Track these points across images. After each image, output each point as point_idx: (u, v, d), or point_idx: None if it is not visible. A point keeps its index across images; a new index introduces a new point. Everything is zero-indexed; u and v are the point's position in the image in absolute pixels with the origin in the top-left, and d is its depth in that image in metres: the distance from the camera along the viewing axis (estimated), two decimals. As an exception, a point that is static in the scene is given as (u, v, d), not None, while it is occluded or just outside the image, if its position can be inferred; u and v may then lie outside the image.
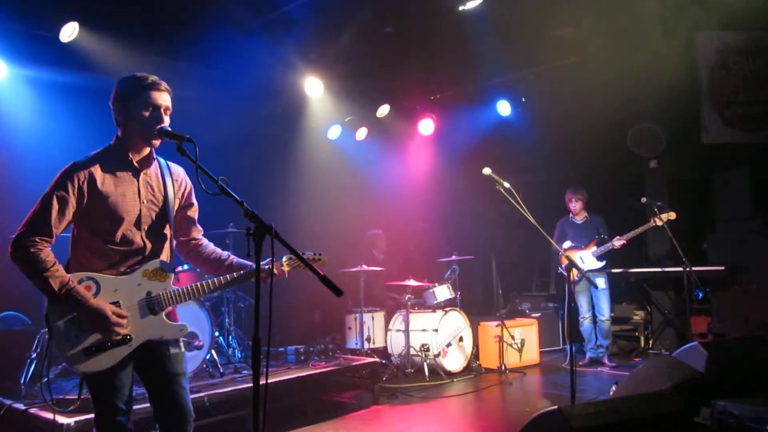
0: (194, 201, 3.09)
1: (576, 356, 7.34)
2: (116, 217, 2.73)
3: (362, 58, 7.36)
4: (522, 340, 7.62)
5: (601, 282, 7.32)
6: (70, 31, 5.72)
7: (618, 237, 7.21)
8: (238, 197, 2.57)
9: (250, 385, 5.03)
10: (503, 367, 7.09)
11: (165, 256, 2.88)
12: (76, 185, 2.67)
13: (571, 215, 7.69)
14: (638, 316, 8.44)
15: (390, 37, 6.98)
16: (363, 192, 8.74)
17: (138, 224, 2.79)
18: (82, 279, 2.66)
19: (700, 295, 7.35)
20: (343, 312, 7.73)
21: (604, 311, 7.43)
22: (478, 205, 8.95)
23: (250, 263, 3.04)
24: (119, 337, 2.65)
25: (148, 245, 2.81)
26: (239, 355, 6.22)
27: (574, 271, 7.11)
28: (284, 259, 3.00)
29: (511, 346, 7.44)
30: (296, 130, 8.43)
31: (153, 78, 2.81)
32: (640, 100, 7.74)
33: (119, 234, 2.74)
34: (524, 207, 4.76)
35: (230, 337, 6.30)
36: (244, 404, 5.04)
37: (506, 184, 4.81)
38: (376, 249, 8.34)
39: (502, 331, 7.28)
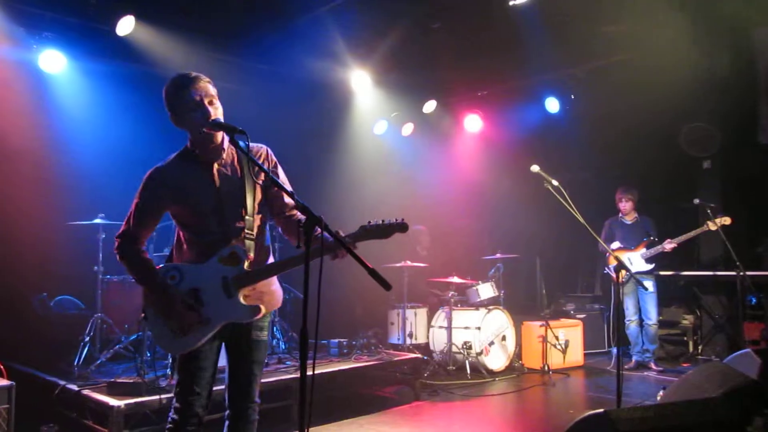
0: (282, 177, 3.06)
1: (622, 359, 7.22)
2: (197, 210, 2.88)
3: (409, 54, 7.34)
4: (566, 341, 7.52)
5: (649, 284, 7.15)
6: (126, 25, 5.86)
7: (669, 240, 7.03)
8: (287, 188, 2.61)
9: (294, 376, 5.16)
10: (546, 368, 7.01)
11: (240, 241, 2.92)
12: (150, 190, 2.88)
13: (620, 215, 7.54)
14: (687, 320, 8.23)
15: (438, 32, 6.94)
16: (408, 187, 8.73)
17: (217, 214, 2.89)
18: (168, 270, 2.88)
19: (754, 300, 7.13)
20: (386, 307, 7.76)
21: (651, 315, 7.27)
22: (523, 204, 8.84)
23: (328, 237, 2.94)
24: (196, 318, 2.81)
25: (227, 232, 2.90)
26: (283, 347, 6.30)
27: (622, 272, 7.01)
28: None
29: (554, 346, 7.35)
30: (343, 125, 8.48)
31: (189, 75, 2.84)
32: (693, 98, 7.52)
33: (203, 226, 2.89)
34: (572, 205, 4.69)
35: (275, 329, 6.39)
36: (288, 394, 5.13)
37: (554, 182, 4.74)
38: (419, 245, 8.33)
39: (546, 331, 7.19)
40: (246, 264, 2.88)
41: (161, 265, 2.92)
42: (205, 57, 6.16)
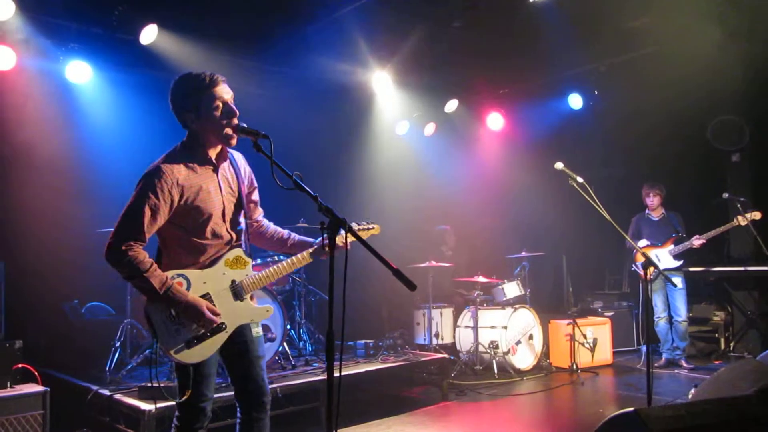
0: (255, 184, 3.18)
1: (651, 357, 7.12)
2: (205, 213, 2.82)
3: (431, 54, 7.33)
4: (594, 339, 7.43)
5: (677, 281, 7.04)
6: (149, 34, 5.94)
7: (697, 236, 6.92)
8: (311, 192, 2.62)
9: (321, 377, 5.18)
10: (575, 367, 6.94)
11: (243, 244, 2.98)
12: (166, 190, 2.73)
13: (647, 211, 7.44)
14: (718, 317, 8.09)
15: (459, 31, 6.92)
16: (431, 187, 8.72)
17: (223, 217, 2.89)
18: (173, 276, 2.76)
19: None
20: (411, 307, 7.76)
21: (681, 312, 7.16)
22: (548, 201, 8.78)
23: (311, 240, 3.16)
24: (215, 326, 2.78)
25: (232, 236, 2.92)
26: (310, 348, 6.33)
27: (650, 269, 6.91)
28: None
29: (582, 345, 7.28)
30: (365, 127, 8.49)
31: (210, 75, 2.83)
32: (721, 90, 7.39)
33: (209, 229, 2.84)
34: (598, 203, 4.64)
35: (301, 331, 6.43)
36: (315, 396, 5.15)
37: (579, 179, 4.69)
38: (444, 245, 8.31)
39: (573, 329, 7.12)
40: (250, 266, 2.93)
41: (166, 272, 2.74)
42: (227, 62, 6.21)
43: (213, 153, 2.91)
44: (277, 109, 6.71)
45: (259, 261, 5.73)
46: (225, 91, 2.84)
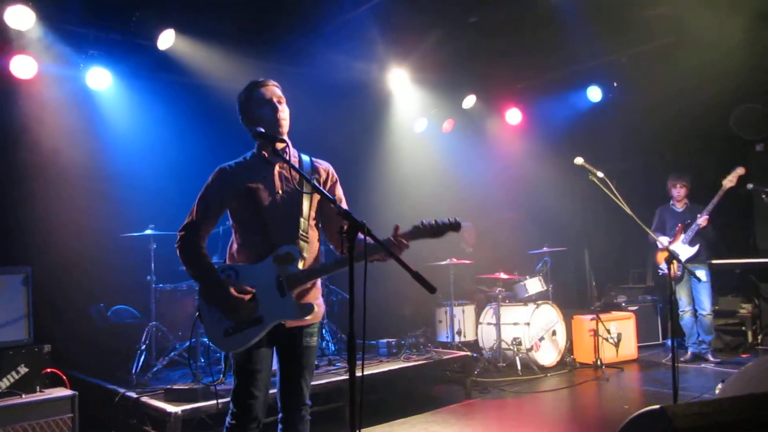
0: (339, 194, 3.22)
1: (677, 352, 7.03)
2: (254, 208, 2.95)
3: (447, 50, 7.29)
4: (618, 334, 7.37)
5: (701, 274, 6.93)
6: (167, 38, 5.99)
7: (699, 215, 6.85)
8: (330, 196, 2.65)
9: (345, 377, 5.19)
10: (599, 362, 6.89)
11: (294, 242, 2.98)
12: (217, 184, 2.97)
13: (672, 202, 7.36)
14: (745, 309, 7.96)
15: (475, 26, 6.89)
16: (450, 184, 8.69)
17: (273, 214, 2.96)
18: (224, 269, 2.93)
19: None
20: (433, 305, 7.74)
21: (705, 305, 7.06)
22: (568, 195, 8.70)
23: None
24: (249, 317, 2.85)
25: (283, 233, 2.96)
26: (333, 348, 6.35)
27: (674, 265, 6.84)
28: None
29: (606, 340, 7.21)
30: (382, 125, 8.48)
31: (258, 79, 3.06)
32: (744, 78, 7.24)
33: (261, 225, 2.95)
34: (619, 197, 4.59)
35: (324, 330, 6.44)
36: (338, 396, 5.17)
37: (600, 174, 4.64)
38: (464, 242, 8.29)
39: (597, 324, 7.07)
40: (300, 264, 2.94)
41: (217, 265, 2.96)
42: (245, 64, 6.23)
43: (268, 150, 3.02)
44: (296, 109, 6.71)
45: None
46: (271, 91, 3.03)
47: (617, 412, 5.38)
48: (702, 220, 6.86)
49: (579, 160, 4.72)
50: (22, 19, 5.21)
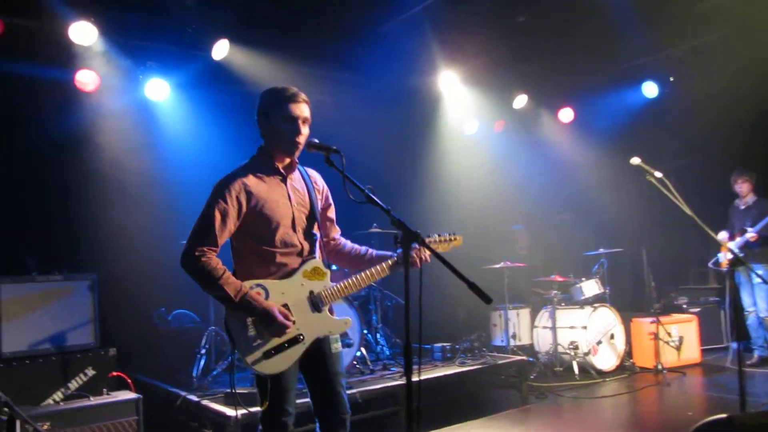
0: (331, 202, 3.22)
1: (743, 355, 6.77)
2: (274, 221, 2.87)
3: (496, 50, 7.24)
4: (680, 337, 7.14)
5: (758, 274, 6.65)
6: (221, 49, 6.13)
7: (750, 229, 6.62)
8: (384, 205, 2.63)
9: (400, 382, 5.20)
10: (660, 367, 6.70)
11: (319, 255, 3.01)
12: (234, 195, 2.81)
13: (737, 200, 7.13)
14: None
15: (523, 26, 6.81)
16: (504, 186, 8.59)
17: (293, 226, 2.92)
18: (252, 286, 2.79)
19: None
20: (487, 309, 7.68)
21: (761, 306, 6.80)
22: (624, 194, 8.50)
23: (389, 253, 3.14)
24: (290, 336, 2.78)
25: (305, 246, 2.94)
26: (387, 353, 6.37)
27: (724, 262, 6.64)
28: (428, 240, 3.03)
29: (667, 343, 7.00)
30: (433, 128, 8.46)
31: (292, 91, 2.92)
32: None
33: (278, 238, 2.88)
34: (678, 197, 4.46)
35: (378, 335, 6.47)
36: (394, 400, 5.17)
37: (658, 174, 4.53)
38: (518, 244, 8.20)
39: (657, 327, 6.87)
40: (329, 276, 2.94)
41: (245, 282, 2.79)
42: (297, 72, 6.30)
43: (281, 164, 2.99)
44: (345, 115, 6.78)
45: (334, 268, 5.83)
46: (299, 110, 2.91)
47: (680, 419, 5.21)
48: (750, 236, 6.64)
49: (636, 161, 4.61)
50: (85, 34, 5.43)
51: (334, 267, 5.66)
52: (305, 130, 2.93)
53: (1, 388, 4.21)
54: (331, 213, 3.24)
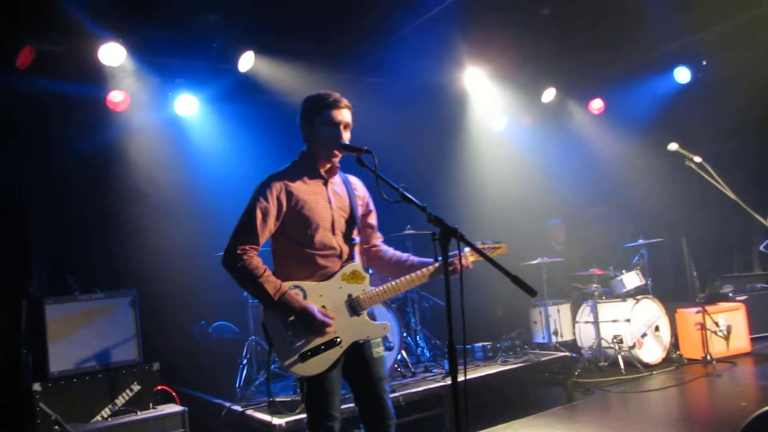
0: (372, 208, 3.22)
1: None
2: (313, 223, 2.89)
3: (522, 45, 7.15)
4: (728, 326, 6.94)
5: None
6: (247, 61, 6.17)
7: None
8: (419, 203, 2.61)
9: (442, 384, 5.15)
10: (709, 358, 6.51)
11: (358, 259, 3.00)
12: (275, 195, 2.86)
13: None
14: None
15: (548, 18, 6.72)
16: (534, 181, 8.48)
17: (333, 229, 2.93)
18: (290, 287, 2.81)
19: None
20: (527, 306, 7.58)
21: None
22: (661, 183, 8.33)
23: (430, 260, 3.09)
24: (327, 338, 2.78)
25: (345, 249, 2.95)
26: (428, 355, 6.32)
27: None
28: (467, 251, 2.98)
29: (715, 333, 6.81)
30: (461, 126, 8.40)
31: (334, 97, 2.95)
32: None
33: (318, 240, 2.89)
34: (720, 181, 4.34)
35: (417, 337, 6.43)
36: (437, 402, 5.13)
37: (697, 159, 4.42)
38: (554, 239, 8.08)
39: (703, 317, 6.69)
40: (368, 280, 2.92)
41: (284, 283, 2.81)
42: (323, 78, 6.32)
43: (323, 168, 3.00)
44: (373, 118, 6.76)
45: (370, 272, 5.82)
46: (341, 115, 2.93)
47: (734, 410, 5.05)
48: None
49: (673, 146, 4.52)
50: (114, 55, 5.51)
51: (371, 271, 5.68)
52: (347, 135, 2.95)
53: (50, 407, 4.30)
54: (372, 219, 3.23)
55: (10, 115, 5.57)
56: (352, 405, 3.01)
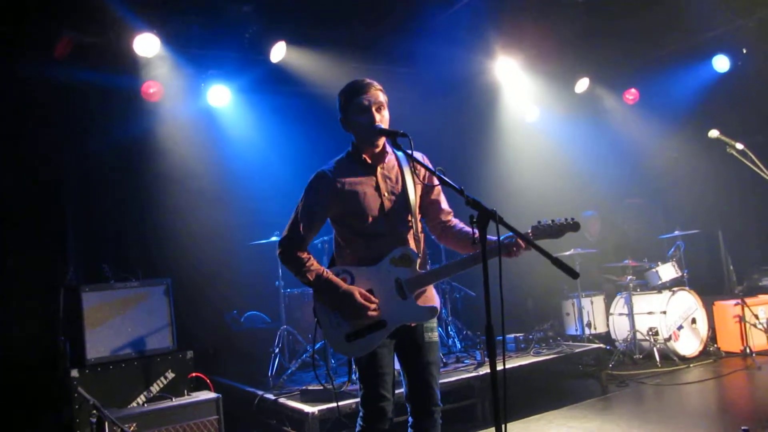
0: (436, 183, 3.11)
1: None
2: (362, 211, 2.90)
3: (555, 34, 7.03)
4: (767, 319, 6.79)
5: None
6: (279, 51, 6.17)
7: None
8: (456, 185, 2.57)
9: (474, 374, 5.12)
10: (748, 350, 6.38)
11: (410, 243, 2.96)
12: (321, 187, 2.92)
13: None
14: None
15: (581, 7, 6.59)
16: (567, 173, 8.36)
17: (383, 216, 2.92)
18: (338, 272, 2.90)
19: None
20: (558, 299, 7.50)
21: None
22: (696, 174, 8.15)
23: (494, 238, 2.90)
24: (371, 321, 2.81)
25: (394, 234, 2.93)
26: (459, 345, 6.29)
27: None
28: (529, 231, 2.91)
29: (754, 326, 6.66)
30: (493, 117, 8.30)
31: (362, 82, 2.91)
32: None
33: (368, 226, 2.91)
34: (763, 168, 4.23)
35: (449, 328, 6.40)
36: (469, 393, 5.11)
37: (739, 146, 4.31)
38: (587, 231, 7.97)
39: (742, 310, 6.56)
40: (417, 264, 2.89)
41: (331, 268, 2.93)
42: (354, 69, 6.28)
43: (368, 154, 2.97)
44: (405, 110, 6.73)
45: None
46: (371, 97, 2.88)
47: (775, 403, 4.95)
48: None
49: (714, 133, 4.42)
50: (149, 46, 5.55)
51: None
52: (380, 116, 2.89)
53: (88, 393, 4.37)
54: (436, 195, 3.13)
55: (48, 105, 5.66)
56: (399, 391, 2.99)
